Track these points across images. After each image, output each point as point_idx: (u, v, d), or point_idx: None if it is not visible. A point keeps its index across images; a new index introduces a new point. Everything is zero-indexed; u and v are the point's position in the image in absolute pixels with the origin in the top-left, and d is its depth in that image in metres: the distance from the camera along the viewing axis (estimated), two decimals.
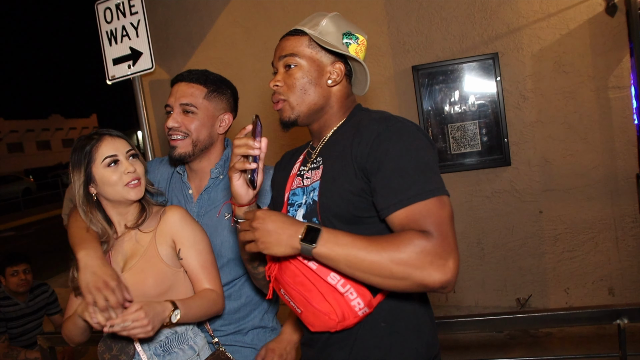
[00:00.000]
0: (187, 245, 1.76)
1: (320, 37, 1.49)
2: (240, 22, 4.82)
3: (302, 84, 1.51)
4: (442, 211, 1.24)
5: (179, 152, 1.88)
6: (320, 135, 1.58)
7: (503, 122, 4.21)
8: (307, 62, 1.51)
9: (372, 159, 1.34)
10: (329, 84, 1.52)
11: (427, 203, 1.25)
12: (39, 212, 20.54)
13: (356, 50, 1.52)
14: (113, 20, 3.55)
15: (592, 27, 4.02)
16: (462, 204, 4.42)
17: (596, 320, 2.05)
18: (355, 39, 1.52)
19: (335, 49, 1.47)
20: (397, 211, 1.27)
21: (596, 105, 4.07)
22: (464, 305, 4.52)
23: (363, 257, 1.21)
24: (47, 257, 10.61)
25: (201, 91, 1.90)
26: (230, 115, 1.99)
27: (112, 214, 1.76)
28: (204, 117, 1.89)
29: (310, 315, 1.39)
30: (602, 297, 4.22)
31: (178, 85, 1.92)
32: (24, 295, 3.99)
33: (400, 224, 1.26)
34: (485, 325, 2.19)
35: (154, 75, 4.35)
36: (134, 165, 1.72)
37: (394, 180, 1.29)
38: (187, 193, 2.01)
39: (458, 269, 1.19)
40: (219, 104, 1.94)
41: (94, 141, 1.69)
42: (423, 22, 4.37)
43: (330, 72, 1.52)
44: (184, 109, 1.88)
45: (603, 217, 4.15)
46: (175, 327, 1.71)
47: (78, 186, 1.69)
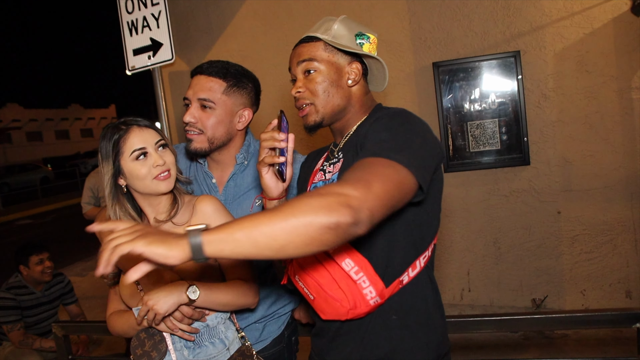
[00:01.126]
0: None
1: (339, 40, 1.51)
2: (260, 15, 4.82)
3: (324, 87, 1.52)
4: (385, 169, 1.16)
5: (194, 146, 1.87)
6: (343, 133, 1.60)
7: (523, 120, 4.17)
8: (326, 66, 1.53)
9: (367, 137, 1.37)
10: (349, 84, 1.55)
11: (377, 159, 1.20)
12: (56, 200, 20.78)
13: (369, 49, 1.55)
14: (134, 10, 3.57)
15: (617, 27, 3.96)
16: (479, 202, 4.39)
17: (615, 323, 2.02)
18: (367, 39, 1.54)
19: (352, 50, 1.50)
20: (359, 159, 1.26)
21: (618, 106, 4.02)
22: (479, 305, 4.49)
23: (267, 229, 1.04)
24: (64, 245, 10.75)
25: (220, 85, 1.85)
26: (250, 111, 1.94)
27: (144, 205, 1.72)
28: (221, 113, 1.85)
29: (322, 301, 1.41)
30: (619, 300, 4.17)
31: (197, 78, 1.88)
32: (41, 285, 4.03)
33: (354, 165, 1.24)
34: (501, 325, 2.17)
35: (174, 66, 4.37)
36: (163, 157, 1.66)
37: (368, 144, 1.30)
38: (210, 182, 1.99)
39: (371, 206, 1.07)
40: (239, 99, 1.90)
41: (122, 132, 1.63)
42: (445, 19, 4.33)
43: (349, 72, 1.55)
44: (201, 103, 1.84)
45: (622, 219, 4.09)
46: (208, 321, 1.71)
47: (107, 179, 1.65)
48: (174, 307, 1.57)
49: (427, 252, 1.46)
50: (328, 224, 1.02)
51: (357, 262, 1.34)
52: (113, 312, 1.79)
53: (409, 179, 1.19)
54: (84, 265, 8.85)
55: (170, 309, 1.56)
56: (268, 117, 4.55)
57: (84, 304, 4.96)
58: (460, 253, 4.51)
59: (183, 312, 1.61)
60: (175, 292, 1.57)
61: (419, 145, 1.28)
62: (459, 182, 4.42)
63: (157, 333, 1.65)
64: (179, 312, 1.61)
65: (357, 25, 1.56)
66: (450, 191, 4.42)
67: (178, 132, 5.15)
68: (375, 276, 1.35)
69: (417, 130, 1.33)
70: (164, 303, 1.55)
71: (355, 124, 1.56)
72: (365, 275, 1.34)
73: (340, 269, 1.35)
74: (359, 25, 1.57)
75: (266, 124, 1.51)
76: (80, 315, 4.33)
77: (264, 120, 4.73)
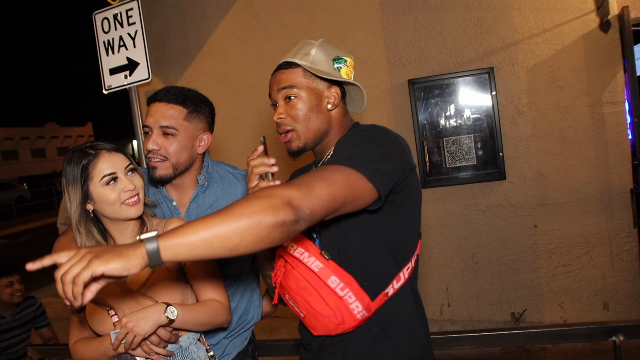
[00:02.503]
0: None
1: (317, 66, 1.54)
2: (237, 34, 4.83)
3: (304, 113, 1.55)
4: (331, 173, 1.23)
5: (159, 173, 1.86)
6: (322, 154, 1.62)
7: (498, 136, 4.23)
8: (306, 92, 1.55)
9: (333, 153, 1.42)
10: (328, 108, 1.57)
11: (327, 166, 1.27)
12: (32, 220, 20.43)
13: (347, 72, 1.58)
14: (110, 30, 3.56)
15: (587, 43, 4.05)
16: (457, 217, 4.42)
17: (592, 336, 2.05)
18: (344, 62, 1.58)
19: (331, 77, 1.53)
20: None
21: (590, 120, 4.10)
22: (459, 319, 4.51)
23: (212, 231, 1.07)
24: None
25: (181, 112, 1.85)
26: (209, 135, 1.96)
27: (112, 229, 1.71)
28: (183, 139, 1.86)
29: (312, 318, 1.44)
30: (597, 312, 4.22)
31: (157, 105, 1.86)
32: (11, 309, 3.94)
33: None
34: (480, 341, 2.18)
35: (151, 85, 4.35)
36: (132, 181, 1.66)
37: (334, 157, 1.34)
38: (171, 205, 1.99)
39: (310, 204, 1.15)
40: (198, 124, 1.91)
41: (91, 157, 1.61)
42: (419, 36, 4.39)
43: (328, 97, 1.57)
44: (163, 131, 1.83)
45: (597, 232, 4.16)
46: (180, 342, 1.69)
47: (75, 205, 1.62)
48: (153, 328, 1.55)
49: (410, 263, 1.49)
50: (275, 222, 1.09)
51: (342, 279, 1.38)
52: (78, 340, 1.74)
53: (361, 182, 1.25)
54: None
55: (150, 330, 1.54)
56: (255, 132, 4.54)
57: (59, 325, 4.85)
58: (439, 268, 4.53)
59: (161, 335, 1.60)
60: (154, 313, 1.56)
61: (379, 154, 1.32)
62: (436, 198, 4.45)
63: (129, 358, 1.63)
64: (156, 335, 1.59)
65: (334, 48, 1.59)
66: (427, 207, 4.45)
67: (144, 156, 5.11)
68: (360, 291, 1.38)
69: (380, 142, 1.36)
70: (144, 324, 1.53)
71: (334, 144, 1.57)
72: (351, 291, 1.38)
73: (326, 287, 1.39)
74: (336, 48, 1.60)
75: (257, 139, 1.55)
76: (53, 338, 4.23)
77: (254, 134, 4.72)
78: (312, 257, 1.44)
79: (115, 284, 1.65)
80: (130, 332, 1.53)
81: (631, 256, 4.10)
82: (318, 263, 1.42)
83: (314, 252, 1.45)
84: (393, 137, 1.42)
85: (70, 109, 67.74)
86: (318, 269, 1.41)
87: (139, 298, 1.64)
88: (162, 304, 1.59)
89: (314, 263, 1.42)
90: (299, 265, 1.46)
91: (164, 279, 1.70)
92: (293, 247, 1.50)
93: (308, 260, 1.43)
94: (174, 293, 1.70)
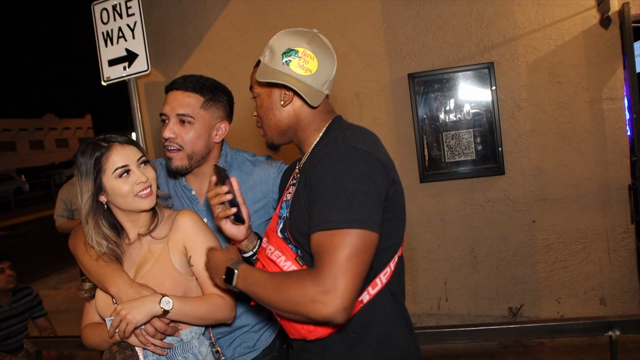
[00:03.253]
0: (199, 252, 1.72)
1: (269, 63, 1.53)
2: (237, 26, 4.81)
3: (264, 112, 1.62)
4: (342, 248, 1.25)
5: (175, 165, 1.87)
6: (303, 151, 1.63)
7: (497, 131, 4.23)
8: (262, 92, 1.61)
9: (310, 182, 1.40)
10: (282, 104, 1.57)
11: (330, 234, 1.28)
12: (30, 212, 20.43)
13: (299, 64, 1.49)
14: (109, 21, 3.55)
15: (587, 39, 4.04)
16: (455, 212, 4.43)
17: (589, 331, 2.05)
18: (295, 54, 1.50)
19: (271, 80, 1.50)
20: (311, 235, 1.33)
21: (590, 116, 4.10)
22: (456, 314, 4.52)
23: (265, 295, 1.34)
24: (38, 258, 10.54)
25: (198, 100, 1.86)
26: (226, 123, 1.96)
27: (124, 220, 1.73)
28: (200, 128, 1.86)
29: (286, 323, 1.47)
30: (594, 307, 4.24)
31: (174, 94, 1.87)
32: (7, 297, 3.95)
33: (312, 249, 1.32)
34: (477, 336, 2.19)
35: (150, 77, 4.35)
36: (145, 173, 1.68)
37: (317, 204, 1.34)
38: (190, 195, 1.99)
39: (346, 305, 1.22)
40: (216, 113, 1.90)
41: (104, 149, 1.63)
42: (420, 30, 4.38)
43: (280, 95, 1.57)
44: (180, 119, 1.84)
45: (595, 228, 4.17)
46: (182, 335, 1.69)
47: (87, 196, 1.64)
48: (146, 318, 1.56)
49: (388, 267, 1.48)
50: (311, 317, 1.25)
51: None
52: (88, 324, 1.77)
53: (366, 236, 1.28)
54: (58, 278, 8.69)
55: (143, 319, 1.55)
56: (246, 127, 4.55)
57: (57, 317, 4.86)
58: (437, 262, 4.54)
59: (156, 326, 1.60)
60: (149, 302, 1.57)
61: (364, 191, 1.31)
62: (435, 192, 4.45)
63: (128, 347, 1.63)
64: (151, 326, 1.59)
65: (288, 38, 1.53)
66: (426, 201, 4.46)
67: (154, 142, 5.11)
68: None
69: (359, 175, 1.33)
70: (137, 313, 1.54)
71: (312, 143, 1.58)
72: None
73: None
74: (294, 36, 1.53)
75: (243, 133, 1.58)
76: (48, 328, 4.24)
77: (240, 129, 4.71)
78: (288, 261, 1.48)
79: (115, 271, 1.66)
80: (123, 320, 1.54)
81: (628, 252, 4.11)
82: (293, 267, 1.46)
83: (289, 256, 1.48)
84: (367, 161, 1.37)
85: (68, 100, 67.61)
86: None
87: (137, 287, 1.64)
88: (157, 295, 1.60)
89: (289, 267, 1.46)
90: (274, 267, 1.49)
91: (166, 271, 1.70)
92: (270, 250, 1.54)
93: (284, 264, 1.48)
94: (176, 285, 1.70)
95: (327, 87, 1.56)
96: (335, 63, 1.56)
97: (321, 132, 1.57)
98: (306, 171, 1.46)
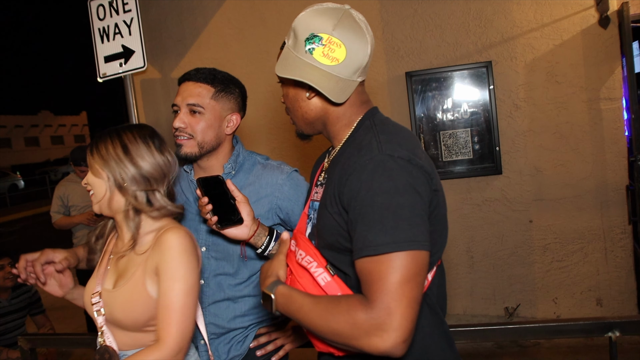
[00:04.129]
0: (165, 278, 1.49)
1: (292, 49, 1.37)
2: (234, 23, 4.79)
3: (291, 104, 1.48)
4: (394, 273, 1.12)
5: (184, 151, 1.87)
6: (333, 145, 1.50)
7: (495, 130, 4.22)
8: (288, 84, 1.46)
9: (345, 196, 1.25)
10: (307, 97, 1.41)
11: (378, 260, 1.14)
12: (25, 209, 20.36)
13: (324, 52, 1.31)
14: (106, 17, 3.52)
15: (585, 39, 4.03)
16: (452, 211, 4.41)
17: (588, 332, 2.04)
18: (319, 41, 1.31)
19: (290, 76, 1.35)
20: (355, 260, 1.20)
21: (587, 116, 4.09)
22: (452, 314, 4.51)
23: (309, 321, 1.23)
24: None
25: (208, 91, 1.87)
26: (238, 116, 1.96)
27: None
28: (210, 118, 1.87)
29: (312, 337, 1.39)
30: (590, 308, 4.23)
31: (185, 85, 1.90)
32: (6, 293, 3.93)
33: (359, 274, 1.20)
34: (475, 336, 2.17)
35: (146, 74, 4.32)
36: (87, 177, 1.60)
37: (358, 226, 1.20)
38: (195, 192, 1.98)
39: (405, 337, 1.11)
40: (227, 104, 1.92)
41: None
42: (417, 29, 4.37)
43: (302, 89, 1.44)
44: (190, 109, 1.85)
45: (592, 228, 4.16)
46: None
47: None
48: None
49: (425, 279, 1.31)
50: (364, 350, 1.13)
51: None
52: None
53: (418, 257, 1.15)
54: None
55: None
56: (250, 123, 4.52)
57: (54, 314, 4.83)
58: None
59: None
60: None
61: (409, 206, 1.17)
62: None
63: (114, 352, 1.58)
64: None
65: (315, 19, 1.33)
66: None
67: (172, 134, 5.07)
68: None
69: (401, 188, 1.18)
70: None
71: (342, 139, 1.45)
72: None
73: None
74: (320, 16, 1.34)
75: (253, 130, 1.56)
76: (47, 325, 4.23)
77: (250, 125, 4.69)
78: (320, 267, 1.35)
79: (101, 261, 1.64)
80: None
81: (625, 253, 4.11)
82: (326, 276, 1.33)
83: (321, 263, 1.36)
84: (409, 168, 1.22)
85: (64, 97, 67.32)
86: (325, 282, 1.33)
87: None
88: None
89: (320, 275, 1.34)
90: (305, 275, 1.38)
91: (137, 291, 1.55)
92: (301, 255, 1.41)
93: (315, 270, 1.35)
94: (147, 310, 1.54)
95: (361, 73, 1.38)
96: (370, 45, 1.37)
97: (352, 127, 1.43)
98: (336, 177, 1.32)
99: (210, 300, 1.93)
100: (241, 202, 1.65)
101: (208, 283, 1.92)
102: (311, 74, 1.31)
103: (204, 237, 1.92)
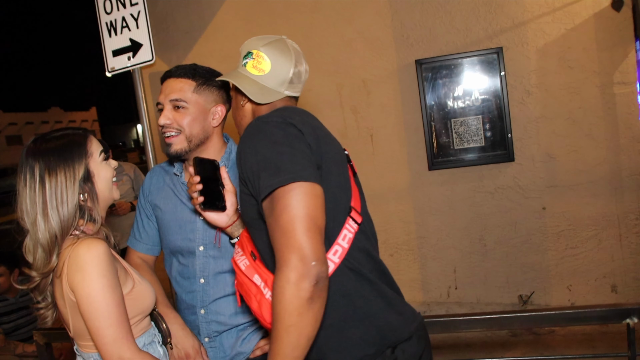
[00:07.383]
0: (78, 296, 1.45)
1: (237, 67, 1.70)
2: (241, 15, 4.76)
3: (233, 112, 1.79)
4: (288, 208, 1.21)
5: (174, 148, 1.89)
6: None
7: (507, 117, 4.17)
8: (233, 95, 1.79)
9: (242, 168, 1.40)
10: (242, 104, 1.70)
11: (271, 199, 1.26)
12: None
13: (253, 65, 1.60)
14: (113, 11, 3.51)
15: (598, 22, 3.97)
16: (464, 199, 4.38)
17: (605, 319, 2.02)
18: (250, 56, 1.62)
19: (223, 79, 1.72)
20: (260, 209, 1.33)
21: (601, 101, 4.03)
22: (466, 302, 4.49)
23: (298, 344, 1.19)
24: None
25: (190, 85, 1.90)
26: (223, 107, 1.98)
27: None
28: (195, 111, 1.89)
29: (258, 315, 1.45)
30: (605, 295, 4.19)
31: (167, 82, 1.93)
32: (15, 292, 3.96)
33: (268, 229, 1.28)
34: (491, 324, 2.15)
35: (154, 67, 4.30)
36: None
37: (254, 181, 1.33)
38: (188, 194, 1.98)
39: (317, 257, 1.17)
40: (210, 97, 1.94)
41: None
42: (427, 16, 4.32)
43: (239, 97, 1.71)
44: (174, 104, 1.88)
45: (607, 214, 4.11)
46: None
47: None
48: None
49: (337, 245, 1.39)
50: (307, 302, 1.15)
51: (262, 278, 1.40)
52: None
53: (305, 187, 1.24)
54: None
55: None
56: None
57: None
58: (446, 250, 4.50)
59: None
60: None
61: (288, 153, 1.30)
62: (444, 180, 4.40)
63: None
64: None
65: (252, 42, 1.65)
66: (435, 189, 4.41)
67: (160, 133, 5.07)
68: None
69: (278, 140, 1.33)
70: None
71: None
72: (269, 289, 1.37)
73: (253, 285, 1.42)
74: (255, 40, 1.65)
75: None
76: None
77: None
78: (244, 255, 1.48)
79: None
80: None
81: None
82: (246, 261, 1.47)
83: (246, 250, 1.49)
84: (281, 126, 1.37)
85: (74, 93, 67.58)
86: (245, 267, 1.46)
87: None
88: None
89: (242, 261, 1.47)
90: (238, 271, 1.50)
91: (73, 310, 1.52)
92: (238, 252, 1.56)
93: (239, 259, 1.50)
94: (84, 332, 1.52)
95: (288, 87, 1.60)
96: (293, 64, 1.60)
97: None
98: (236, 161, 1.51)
99: (212, 298, 1.94)
100: (229, 191, 1.72)
101: (209, 282, 1.93)
102: (240, 79, 1.61)
103: (201, 236, 1.93)
